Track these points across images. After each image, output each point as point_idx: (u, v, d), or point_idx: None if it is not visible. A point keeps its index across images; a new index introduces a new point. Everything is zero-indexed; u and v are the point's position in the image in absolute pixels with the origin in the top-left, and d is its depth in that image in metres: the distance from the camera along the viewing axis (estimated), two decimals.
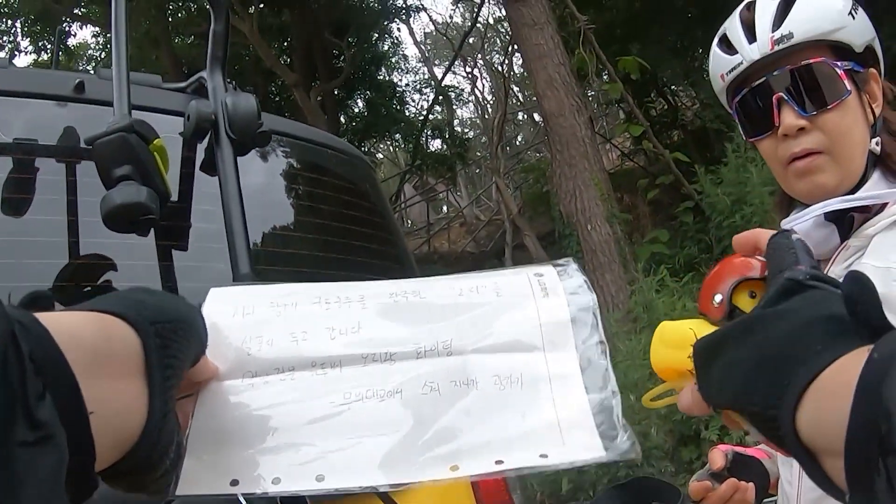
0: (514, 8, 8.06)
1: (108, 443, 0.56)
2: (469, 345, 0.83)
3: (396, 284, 0.90)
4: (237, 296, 0.87)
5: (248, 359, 0.81)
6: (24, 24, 15.94)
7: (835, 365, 0.55)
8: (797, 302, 0.64)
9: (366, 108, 18.65)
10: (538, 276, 0.90)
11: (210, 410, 0.78)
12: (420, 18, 23.99)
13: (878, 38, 1.44)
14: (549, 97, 7.83)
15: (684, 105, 14.93)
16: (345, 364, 0.82)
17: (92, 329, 0.59)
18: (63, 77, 1.78)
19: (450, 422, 0.78)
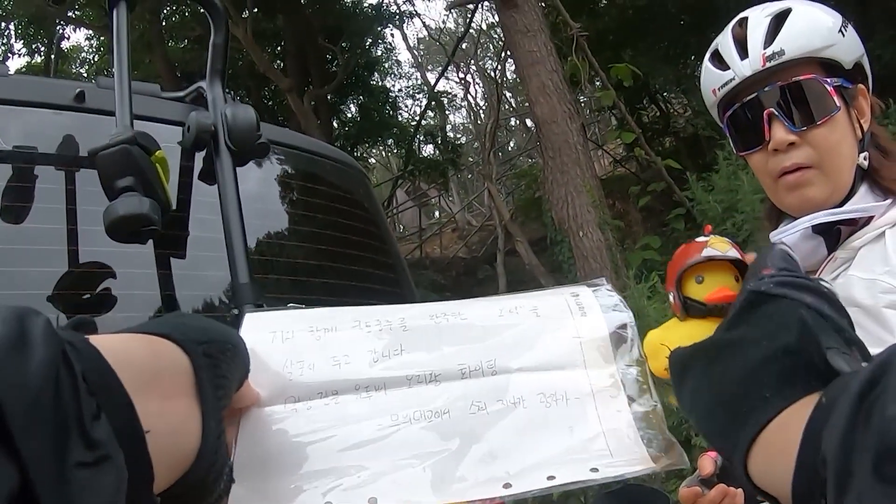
0: (507, 15, 8.08)
1: (164, 463, 0.56)
2: (513, 364, 0.84)
3: (436, 306, 0.90)
4: (274, 321, 0.86)
5: (289, 384, 0.81)
6: (17, 26, 15.89)
7: (782, 416, 0.57)
8: (757, 324, 0.64)
9: (359, 113, 18.65)
10: (574, 297, 0.91)
11: (254, 437, 0.78)
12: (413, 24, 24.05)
13: (867, 52, 1.46)
14: (542, 104, 7.84)
15: (676, 112, 14.98)
16: (389, 386, 0.82)
17: (140, 348, 0.59)
18: (64, 86, 1.79)
19: (499, 440, 0.79)
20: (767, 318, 0.64)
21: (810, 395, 0.56)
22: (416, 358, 0.83)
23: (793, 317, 0.62)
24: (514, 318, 0.88)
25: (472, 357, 0.84)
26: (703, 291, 0.78)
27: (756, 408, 0.59)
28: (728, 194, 7.56)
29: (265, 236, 2.02)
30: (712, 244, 0.78)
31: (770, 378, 0.60)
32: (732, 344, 0.65)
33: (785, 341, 0.60)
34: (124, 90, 1.37)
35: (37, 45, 16.53)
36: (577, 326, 0.87)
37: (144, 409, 0.52)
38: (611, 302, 0.90)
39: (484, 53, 25.38)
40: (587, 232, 7.69)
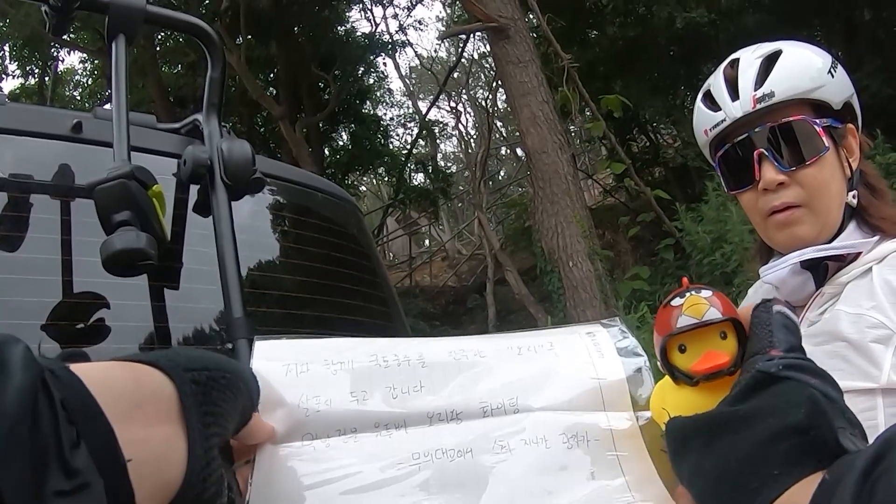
0: (499, 45, 8.15)
1: (147, 492, 0.54)
2: (535, 403, 0.82)
3: (453, 343, 0.88)
4: (286, 351, 0.84)
5: (306, 420, 0.78)
6: (12, 48, 15.95)
7: (791, 492, 0.58)
8: (765, 402, 0.64)
9: (350, 141, 18.73)
10: (591, 336, 0.90)
11: (270, 476, 0.75)
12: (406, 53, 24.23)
13: (855, 83, 1.49)
14: (533, 134, 7.90)
15: (666, 142, 15.09)
16: (409, 424, 0.79)
17: (122, 376, 0.57)
18: (61, 116, 1.80)
19: (522, 480, 0.77)
20: (775, 396, 0.64)
21: (815, 473, 0.57)
22: (436, 395, 0.82)
23: (800, 396, 0.62)
24: (532, 357, 0.87)
25: (493, 395, 0.82)
26: (688, 361, 0.74)
27: (765, 485, 0.59)
28: (717, 225, 7.61)
29: (257, 268, 2.03)
30: (687, 309, 0.73)
31: (778, 455, 0.60)
32: (738, 419, 0.64)
33: (794, 419, 0.61)
34: (122, 123, 1.38)
35: (31, 67, 16.58)
36: (595, 367, 0.86)
37: (126, 436, 0.51)
38: (625, 344, 0.89)
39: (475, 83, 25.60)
40: (577, 262, 7.72)
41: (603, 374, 0.85)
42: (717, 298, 0.74)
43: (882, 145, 8.92)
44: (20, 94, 17.22)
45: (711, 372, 0.72)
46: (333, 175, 17.00)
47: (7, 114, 1.75)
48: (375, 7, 18.91)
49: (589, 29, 14.81)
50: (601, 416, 0.82)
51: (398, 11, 19.99)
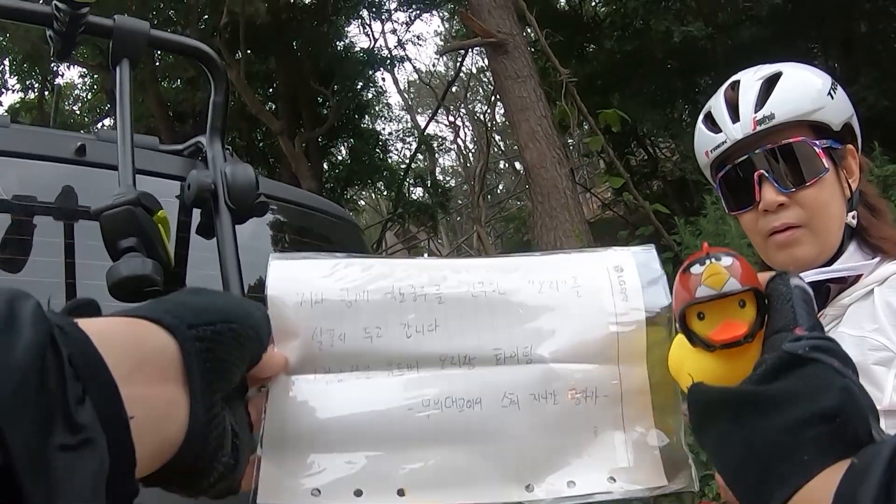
0: (498, 61, 8.17)
1: (147, 449, 0.56)
2: (548, 352, 0.81)
3: (473, 272, 0.86)
4: (302, 275, 0.82)
5: (319, 354, 0.78)
6: (12, 62, 16.00)
7: (818, 478, 0.58)
8: (792, 385, 0.64)
9: (349, 156, 18.77)
10: (618, 272, 0.87)
11: (283, 409, 0.76)
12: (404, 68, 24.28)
13: (852, 95, 1.50)
14: (531, 149, 7.91)
15: (664, 156, 15.13)
16: (422, 366, 0.79)
17: (127, 333, 0.58)
18: (64, 138, 1.81)
19: (527, 438, 0.78)
20: (802, 379, 0.64)
21: (842, 461, 0.58)
22: (451, 337, 0.81)
23: (829, 381, 0.63)
24: (553, 295, 0.84)
25: (508, 341, 0.81)
26: (706, 328, 0.73)
27: (794, 471, 0.60)
28: (716, 238, 7.60)
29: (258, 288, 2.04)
30: (706, 279, 0.72)
31: (807, 442, 0.60)
32: (766, 401, 0.64)
33: (824, 406, 0.61)
34: (127, 148, 1.39)
35: (31, 81, 16.62)
36: (616, 314, 0.83)
37: (129, 394, 0.52)
38: (654, 275, 0.86)
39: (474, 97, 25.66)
40: None
41: (623, 320, 0.83)
42: (738, 267, 0.73)
43: (880, 157, 8.94)
44: (20, 109, 17.27)
45: (730, 341, 0.72)
46: (332, 189, 17.03)
47: (10, 136, 1.76)
48: (374, 22, 19.00)
49: (587, 43, 14.89)
50: (613, 371, 0.82)
51: (397, 27, 20.09)
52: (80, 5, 1.27)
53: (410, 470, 0.75)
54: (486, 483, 0.76)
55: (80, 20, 1.35)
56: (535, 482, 0.77)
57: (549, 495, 0.76)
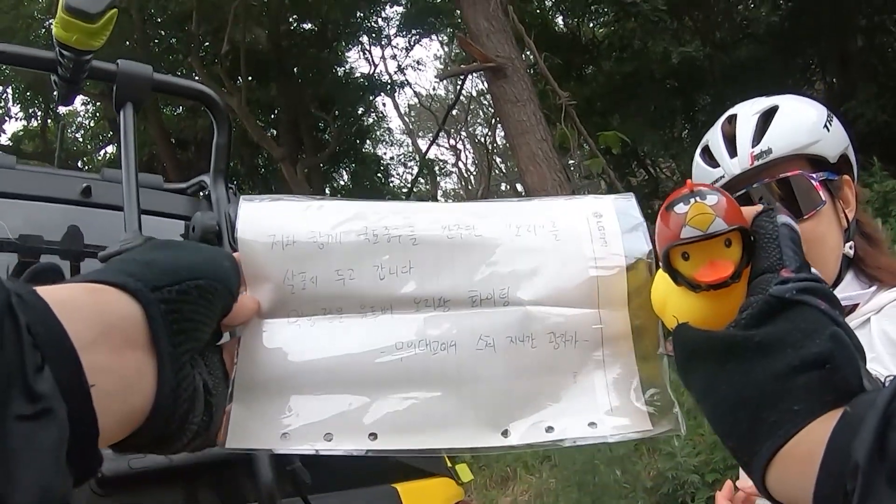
0: (497, 85, 8.21)
1: (113, 417, 0.54)
2: (525, 295, 0.78)
3: (448, 214, 0.83)
4: (273, 215, 0.80)
5: (291, 297, 0.76)
6: (14, 90, 16.09)
7: (808, 428, 0.58)
8: (780, 330, 0.62)
9: (351, 181, 18.84)
10: (597, 218, 0.84)
11: (255, 354, 0.74)
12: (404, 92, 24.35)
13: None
14: (532, 172, 7.94)
15: (665, 175, 15.14)
16: (395, 308, 0.77)
17: (88, 301, 0.55)
18: (70, 180, 1.83)
19: (503, 382, 0.75)
20: (790, 323, 0.62)
21: (834, 410, 0.57)
22: (425, 279, 0.78)
23: (816, 326, 0.61)
24: (531, 239, 0.81)
25: (484, 283, 0.78)
26: (691, 269, 0.70)
27: (785, 419, 0.59)
28: None
29: None
30: (691, 220, 0.69)
31: (798, 389, 0.59)
32: (755, 347, 0.62)
33: (813, 351, 0.60)
34: (132, 191, 1.40)
35: (34, 109, 16.71)
36: (595, 258, 0.80)
37: (91, 363, 0.50)
38: (633, 223, 0.83)
39: (474, 120, 25.73)
40: None
41: (602, 265, 0.80)
42: (723, 204, 0.70)
43: (879, 172, 8.94)
44: (23, 137, 17.36)
45: (716, 282, 0.69)
46: None
47: (16, 178, 1.78)
48: (374, 48, 19.12)
49: (586, 65, 14.95)
50: (593, 315, 0.79)
51: (396, 52, 20.22)
52: (84, 52, 1.29)
53: (382, 414, 0.73)
54: (461, 427, 0.74)
55: (84, 66, 1.36)
56: (511, 427, 0.74)
57: (526, 440, 0.74)
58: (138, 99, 1.50)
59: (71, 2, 1.19)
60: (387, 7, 17.35)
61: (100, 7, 1.21)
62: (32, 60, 1.49)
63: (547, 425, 0.74)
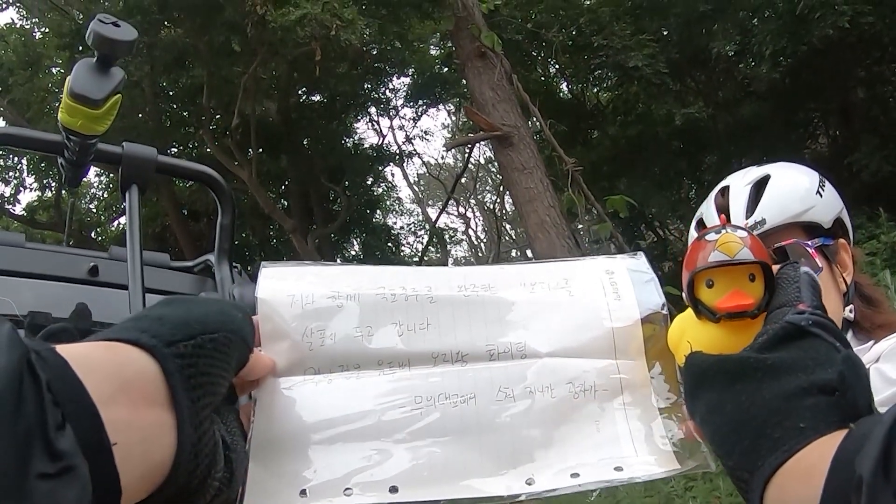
0: (504, 153, 8.31)
1: (135, 475, 0.53)
2: (543, 348, 0.79)
3: (464, 275, 0.85)
4: (293, 278, 0.81)
5: (309, 355, 0.76)
6: (29, 161, 16.32)
7: (814, 444, 0.57)
8: (793, 356, 0.63)
9: (361, 251, 18.91)
10: (609, 275, 0.86)
11: (271, 412, 0.74)
12: (413, 162, 24.58)
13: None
14: (541, 239, 7.97)
15: (673, 236, 15.17)
16: (414, 364, 0.77)
17: (106, 358, 0.55)
18: (77, 259, 1.85)
19: (525, 432, 0.75)
20: (803, 351, 0.63)
21: (840, 430, 0.57)
22: (443, 334, 0.79)
23: (828, 356, 0.62)
24: (545, 295, 0.83)
25: (501, 338, 0.79)
26: (713, 297, 0.72)
27: (790, 436, 0.58)
28: None
29: None
30: (720, 245, 0.72)
31: (805, 410, 0.59)
32: (766, 367, 0.63)
33: (823, 378, 0.60)
34: (137, 272, 1.42)
35: (48, 180, 16.91)
36: (609, 311, 0.82)
37: (112, 420, 0.50)
38: (645, 279, 0.86)
39: (483, 187, 25.92)
40: None
41: (617, 317, 0.82)
42: (752, 241, 0.72)
43: (886, 223, 8.93)
44: (37, 207, 17.54)
45: (736, 311, 0.71)
46: None
47: (25, 257, 1.81)
48: (382, 118, 19.38)
49: (591, 130, 15.14)
50: (611, 365, 0.80)
51: (404, 122, 20.47)
52: (89, 136, 1.32)
53: (403, 466, 0.72)
54: (483, 476, 0.73)
55: (90, 149, 1.39)
56: (535, 475, 0.74)
57: (552, 486, 0.73)
58: (143, 181, 1.52)
59: (75, 88, 1.21)
60: (394, 78, 17.65)
61: (103, 93, 1.23)
62: (40, 143, 1.52)
63: (572, 472, 0.74)
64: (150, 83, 13.81)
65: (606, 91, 15.80)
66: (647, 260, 0.89)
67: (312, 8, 9.94)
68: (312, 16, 9.90)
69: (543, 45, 13.60)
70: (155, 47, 12.60)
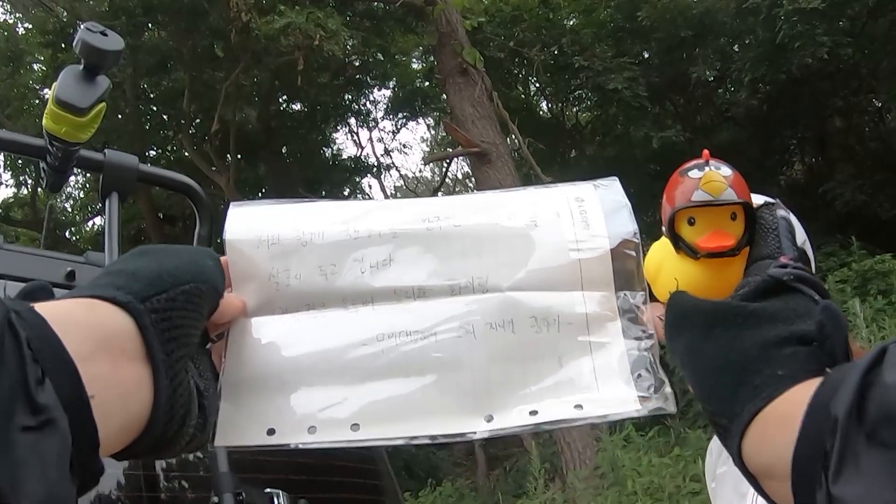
0: (481, 170, 8.35)
1: (113, 427, 0.56)
2: (505, 281, 0.77)
3: (429, 207, 0.84)
4: (259, 219, 0.82)
5: (276, 295, 0.78)
6: (6, 157, 16.15)
7: (790, 391, 0.59)
8: (775, 306, 0.64)
9: None
10: (578, 202, 0.82)
11: (241, 352, 0.75)
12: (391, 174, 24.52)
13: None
14: None
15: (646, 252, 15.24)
16: (377, 300, 0.78)
17: (82, 315, 0.57)
18: (55, 263, 1.86)
19: (485, 368, 0.75)
20: (783, 303, 0.64)
21: (817, 377, 0.58)
22: (405, 270, 0.79)
23: (808, 309, 0.63)
24: (510, 226, 0.80)
25: (463, 272, 0.78)
26: (695, 235, 0.72)
27: (768, 383, 0.59)
28: None
29: None
30: (705, 184, 0.70)
31: (784, 357, 0.60)
32: (747, 314, 0.64)
33: (803, 329, 0.61)
34: None
35: (24, 177, 16.73)
36: (577, 240, 0.79)
37: (89, 375, 0.52)
38: (617, 205, 0.81)
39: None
40: None
41: (585, 247, 0.78)
42: (736, 179, 0.71)
43: (857, 252, 9.04)
44: (13, 205, 17.33)
45: (716, 251, 0.71)
46: None
47: (3, 259, 1.81)
48: (361, 130, 19.37)
49: (569, 149, 15.22)
50: (577, 297, 0.77)
51: (383, 135, 20.49)
52: (73, 144, 1.33)
53: (364, 404, 0.73)
54: (443, 415, 0.73)
55: (73, 156, 1.39)
56: (494, 412, 0.73)
57: (510, 424, 0.73)
58: (124, 189, 1.53)
59: (60, 95, 1.22)
60: (375, 91, 17.67)
61: (89, 102, 1.24)
62: (22, 147, 1.52)
63: (531, 409, 0.73)
64: (131, 85, 13.74)
65: (586, 111, 15.93)
66: (620, 186, 0.84)
67: (297, 17, 9.97)
68: (296, 25, 9.92)
69: (525, 64, 13.69)
70: (138, 50, 12.54)
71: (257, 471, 1.88)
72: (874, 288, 8.48)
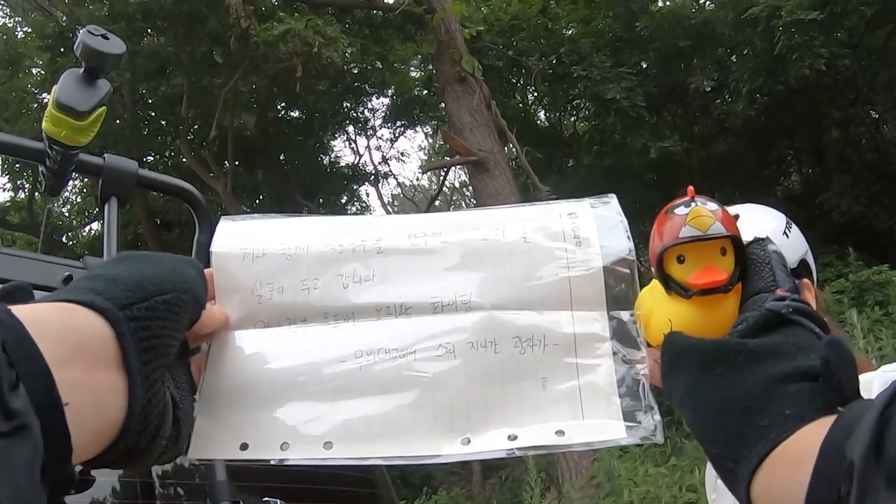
0: (479, 178, 8.35)
1: (86, 434, 0.55)
2: (489, 299, 0.75)
3: (416, 223, 0.82)
4: (247, 233, 0.81)
5: (259, 308, 0.77)
6: (3, 161, 16.13)
7: (800, 431, 0.56)
8: (776, 341, 0.62)
9: None
10: (572, 219, 0.80)
11: (221, 364, 0.75)
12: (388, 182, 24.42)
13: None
14: None
15: (646, 268, 15.23)
16: (358, 316, 0.76)
17: (58, 319, 0.56)
18: (52, 268, 1.85)
19: (463, 388, 0.72)
20: (784, 337, 0.62)
21: (827, 416, 0.56)
22: (388, 287, 0.77)
23: (810, 343, 0.61)
24: (498, 242, 0.78)
25: (446, 289, 0.76)
26: (685, 273, 0.69)
27: (776, 423, 0.57)
28: None
29: None
30: (691, 220, 0.69)
31: (790, 395, 0.58)
32: (748, 352, 0.62)
33: (806, 364, 0.59)
34: None
35: (21, 181, 16.69)
36: (568, 258, 0.76)
37: (64, 380, 0.51)
38: (613, 222, 0.79)
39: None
40: None
41: (576, 264, 0.76)
42: (722, 213, 0.70)
43: (854, 262, 9.05)
44: (10, 209, 17.30)
45: (708, 287, 0.69)
46: None
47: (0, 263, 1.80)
48: (359, 138, 19.39)
49: (566, 159, 15.23)
50: (565, 316, 0.74)
51: (381, 143, 20.49)
52: (72, 147, 1.32)
53: (339, 422, 0.71)
54: (418, 436, 0.71)
55: (72, 159, 1.39)
56: (472, 435, 0.70)
57: (487, 448, 0.70)
58: (123, 194, 1.52)
59: (61, 98, 1.21)
60: (373, 98, 17.68)
61: (89, 105, 1.23)
62: (22, 150, 1.51)
63: (510, 433, 0.70)
64: (130, 90, 13.72)
65: (583, 121, 15.95)
66: (618, 203, 0.82)
67: (296, 24, 9.97)
68: (295, 32, 9.92)
69: (523, 73, 13.70)
70: (137, 55, 12.53)
71: (255, 479, 1.87)
72: (871, 299, 8.48)
